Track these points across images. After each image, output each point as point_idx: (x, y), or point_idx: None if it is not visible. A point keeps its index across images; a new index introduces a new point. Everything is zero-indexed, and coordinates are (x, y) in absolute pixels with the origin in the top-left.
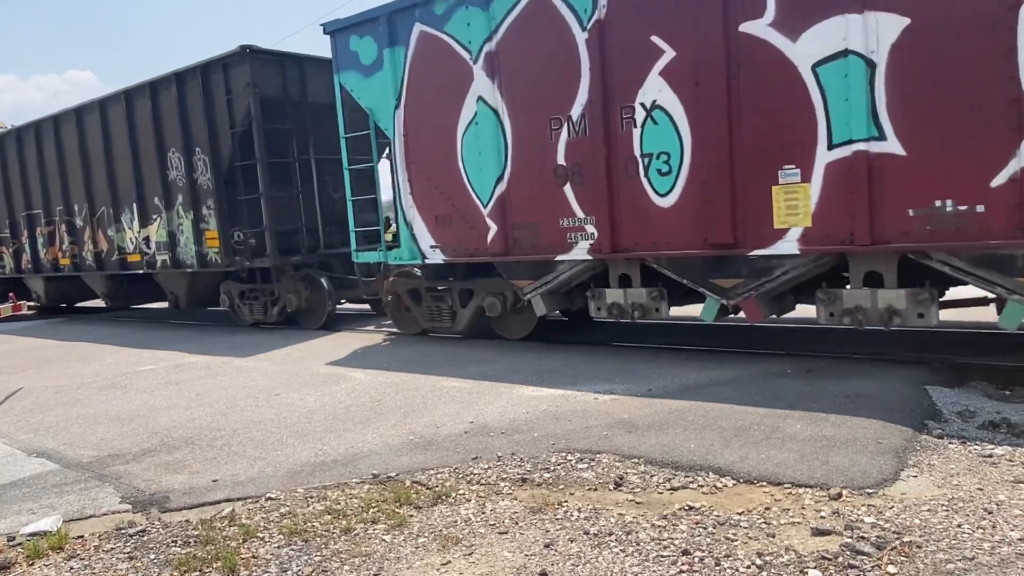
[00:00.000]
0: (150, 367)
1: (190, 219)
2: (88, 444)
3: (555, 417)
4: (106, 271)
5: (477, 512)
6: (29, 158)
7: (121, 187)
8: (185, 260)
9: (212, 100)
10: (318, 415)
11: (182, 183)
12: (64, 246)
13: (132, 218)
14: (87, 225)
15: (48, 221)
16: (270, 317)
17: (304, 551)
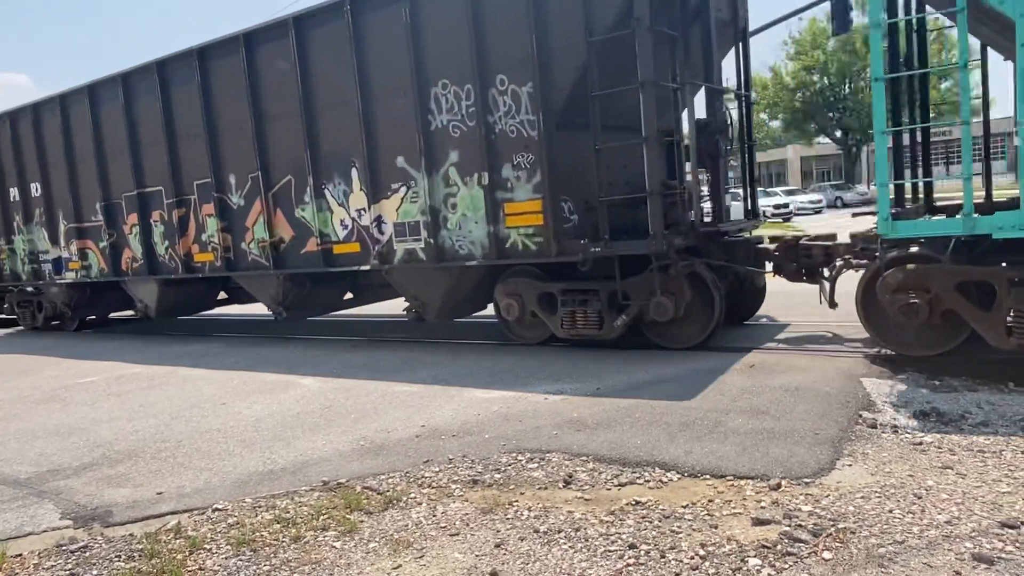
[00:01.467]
0: (91, 379)
1: (479, 186)
2: (26, 460)
3: (506, 418)
4: (286, 268)
5: (428, 515)
6: (142, 115)
7: (326, 146)
8: (459, 249)
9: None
10: (266, 423)
11: (463, 131)
12: (207, 235)
13: (347, 190)
14: (255, 204)
15: (178, 202)
16: (609, 331)
17: (253, 561)
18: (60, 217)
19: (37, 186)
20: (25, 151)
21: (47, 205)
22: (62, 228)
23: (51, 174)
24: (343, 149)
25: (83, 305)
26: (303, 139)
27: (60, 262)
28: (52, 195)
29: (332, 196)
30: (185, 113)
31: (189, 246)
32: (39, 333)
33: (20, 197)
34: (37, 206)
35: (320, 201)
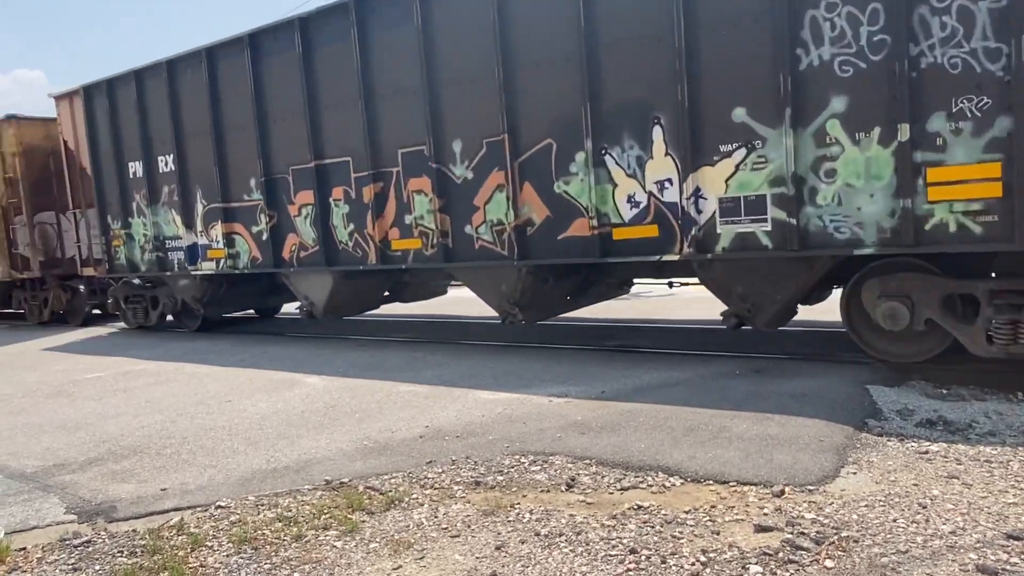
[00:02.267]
0: (98, 374)
1: (879, 145)
2: (33, 454)
3: (510, 420)
4: (533, 258)
5: (430, 516)
6: (327, 68)
7: (612, 97)
8: (836, 232)
9: None
10: (271, 421)
11: (857, 69)
12: (413, 217)
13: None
14: (491, 176)
15: (374, 176)
16: None
17: (254, 559)
18: (198, 196)
19: (168, 159)
20: (154, 117)
21: (182, 182)
22: (200, 209)
23: (189, 144)
24: (641, 100)
25: (216, 301)
26: (581, 89)
27: (196, 249)
28: (189, 170)
29: (618, 164)
30: (392, 63)
31: (386, 230)
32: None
33: (144, 173)
34: (167, 183)
35: (598, 171)
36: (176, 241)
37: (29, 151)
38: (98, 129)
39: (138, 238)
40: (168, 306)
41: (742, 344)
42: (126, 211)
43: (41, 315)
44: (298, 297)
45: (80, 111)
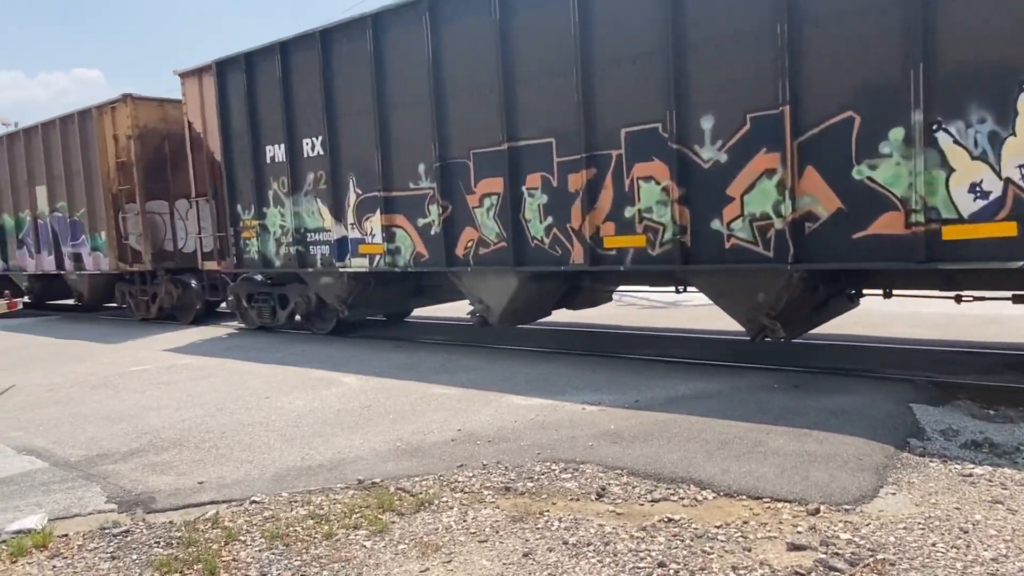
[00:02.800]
0: (143, 367)
1: None
2: (77, 443)
3: (542, 426)
4: (816, 262)
5: (459, 520)
6: (529, 33)
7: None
8: None
9: None
10: (307, 419)
11: None
12: (637, 209)
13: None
14: (754, 160)
15: (587, 160)
16: None
17: (285, 555)
18: (351, 184)
19: (316, 142)
20: (301, 95)
21: (333, 168)
22: (352, 199)
23: (343, 125)
24: (1000, 59)
25: (361, 303)
26: (907, 46)
27: (345, 244)
28: (341, 154)
29: (958, 142)
30: (620, 20)
31: (598, 225)
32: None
33: (286, 157)
34: (313, 169)
35: (927, 152)
36: (321, 234)
37: (144, 134)
38: (231, 109)
39: (273, 230)
40: (301, 306)
41: (780, 357)
42: (261, 200)
43: (148, 311)
44: (470, 301)
45: (210, 89)
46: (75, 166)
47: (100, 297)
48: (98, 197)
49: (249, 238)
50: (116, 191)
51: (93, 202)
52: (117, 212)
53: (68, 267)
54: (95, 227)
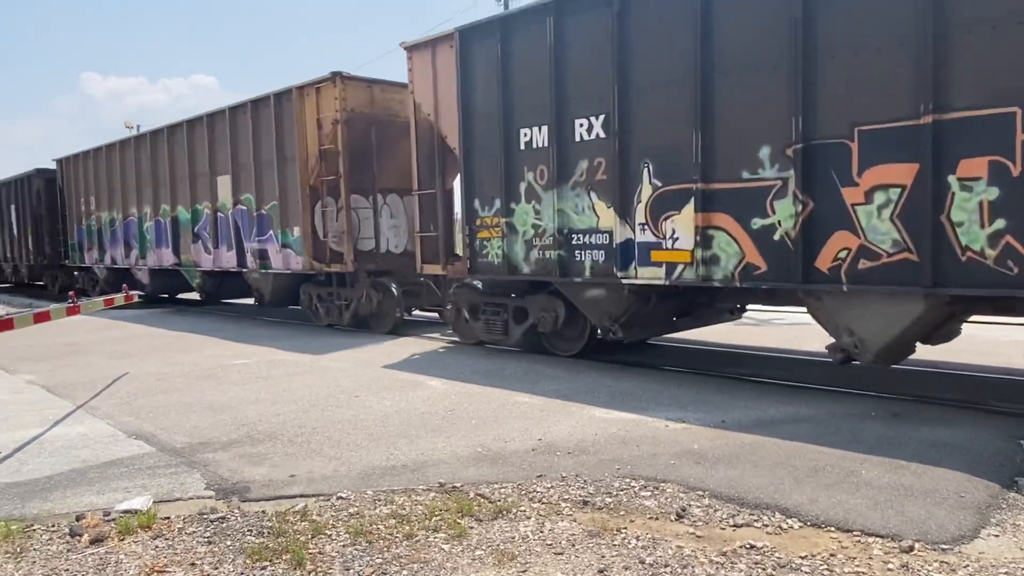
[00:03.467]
0: (244, 361)
1: None
2: (182, 431)
3: (623, 441)
4: None
5: (536, 530)
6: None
7: None
8: None
9: None
10: (393, 420)
11: None
12: None
13: None
14: None
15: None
16: None
17: (367, 552)
18: (646, 174)
19: (595, 122)
20: (574, 64)
21: (618, 153)
22: (646, 193)
23: (637, 99)
24: None
25: (635, 321)
26: None
27: (630, 249)
28: (632, 136)
29: None
30: None
31: None
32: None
33: (549, 141)
34: (589, 156)
35: None
36: (593, 236)
37: (351, 119)
38: (475, 85)
39: (523, 230)
40: (546, 321)
41: (878, 383)
42: (509, 194)
43: (340, 317)
44: (827, 329)
45: (447, 63)
46: (266, 154)
47: (282, 299)
48: (292, 189)
49: (488, 238)
50: (315, 182)
51: (286, 194)
52: (314, 206)
53: (250, 264)
54: (286, 222)
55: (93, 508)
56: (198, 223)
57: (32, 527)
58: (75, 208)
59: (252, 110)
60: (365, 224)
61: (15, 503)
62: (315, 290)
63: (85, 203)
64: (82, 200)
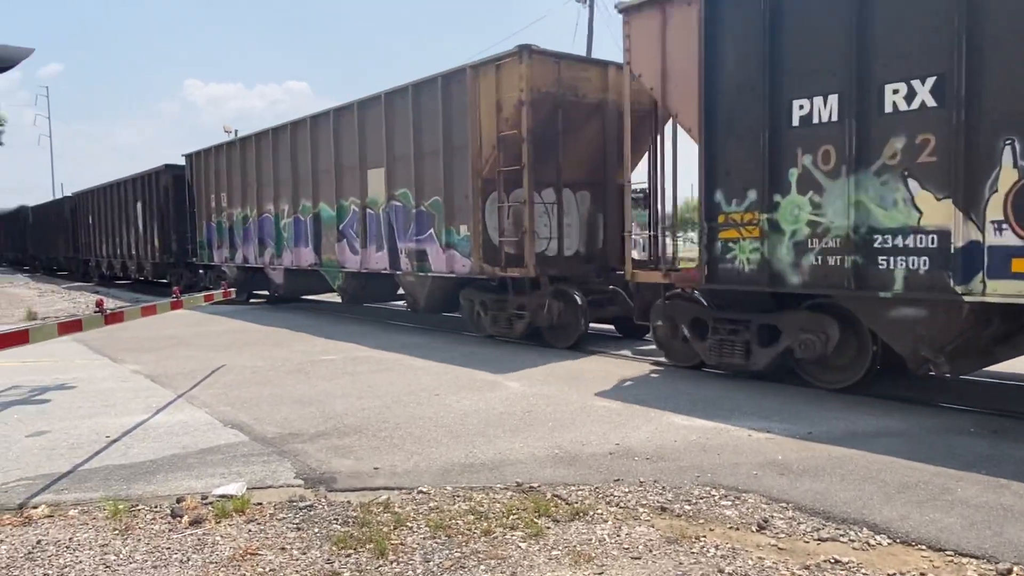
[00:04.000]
0: (331, 357)
1: None
2: (273, 421)
3: (704, 449)
4: None
5: (612, 534)
6: None
7: None
8: None
9: None
10: (472, 419)
11: None
12: None
13: None
14: None
15: None
16: None
17: (446, 546)
18: (1009, 155)
19: (917, 87)
20: (885, 9)
21: (962, 127)
22: (1008, 179)
23: (990, 51)
24: None
25: (963, 351)
26: None
27: (975, 255)
28: (982, 102)
29: None
30: None
31: None
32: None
33: (843, 114)
34: (906, 131)
35: None
36: (912, 237)
37: (536, 99)
38: (725, 49)
39: (792, 229)
40: (812, 346)
41: (977, 397)
42: (773, 182)
43: (510, 328)
44: None
45: (686, 23)
46: (429, 144)
47: (437, 305)
48: (461, 182)
49: (736, 240)
50: (489, 174)
51: (452, 188)
52: (485, 201)
53: (404, 266)
54: (451, 219)
55: (192, 492)
56: (344, 221)
57: (137, 507)
58: (204, 204)
59: (413, 95)
60: (541, 222)
61: (122, 484)
62: (479, 296)
63: (216, 199)
64: (212, 196)
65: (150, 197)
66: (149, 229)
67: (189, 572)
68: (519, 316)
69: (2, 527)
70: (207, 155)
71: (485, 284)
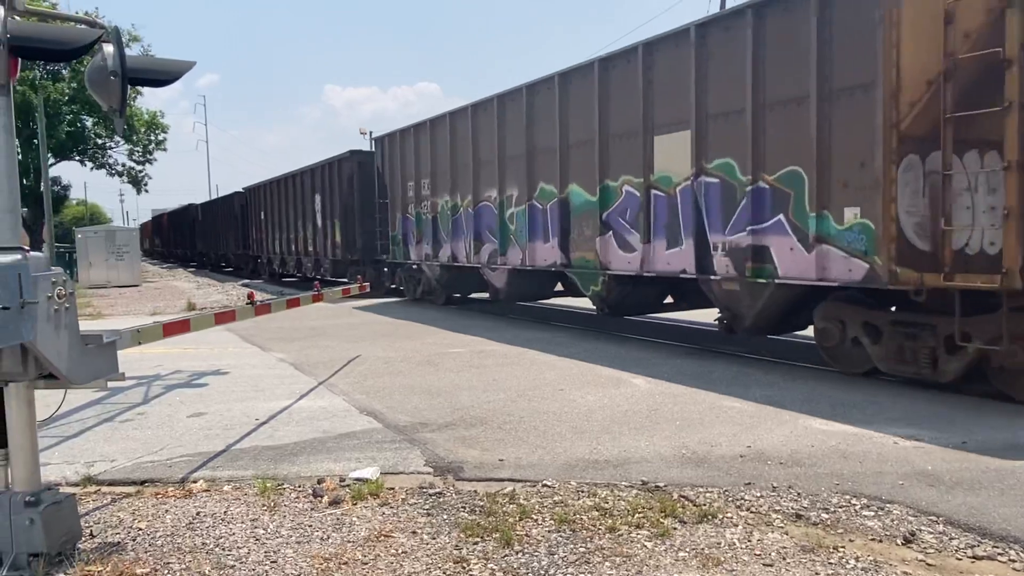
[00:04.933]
0: (458, 350)
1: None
2: (404, 410)
3: (843, 456)
4: None
5: (743, 539)
6: None
7: None
8: None
9: None
10: (596, 415)
11: None
12: None
13: None
14: None
15: None
16: None
17: (571, 540)
18: None
19: None
20: None
21: None
22: None
23: None
24: None
25: None
26: None
27: None
28: None
29: None
30: None
31: None
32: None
33: None
34: None
35: None
36: None
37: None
38: None
39: None
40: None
41: None
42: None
43: (933, 368)
44: None
45: None
46: (785, 88)
47: (774, 323)
48: (853, 141)
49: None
50: (915, 128)
51: (829, 152)
52: (899, 169)
53: (721, 268)
54: (827, 199)
55: (331, 474)
56: (610, 207)
57: (283, 486)
58: (399, 194)
59: (754, 21)
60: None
61: (269, 464)
62: (861, 316)
63: (415, 187)
64: (410, 184)
65: (330, 188)
66: (329, 223)
67: (329, 549)
68: (956, 349)
69: (167, 498)
70: (404, 136)
71: (867, 298)
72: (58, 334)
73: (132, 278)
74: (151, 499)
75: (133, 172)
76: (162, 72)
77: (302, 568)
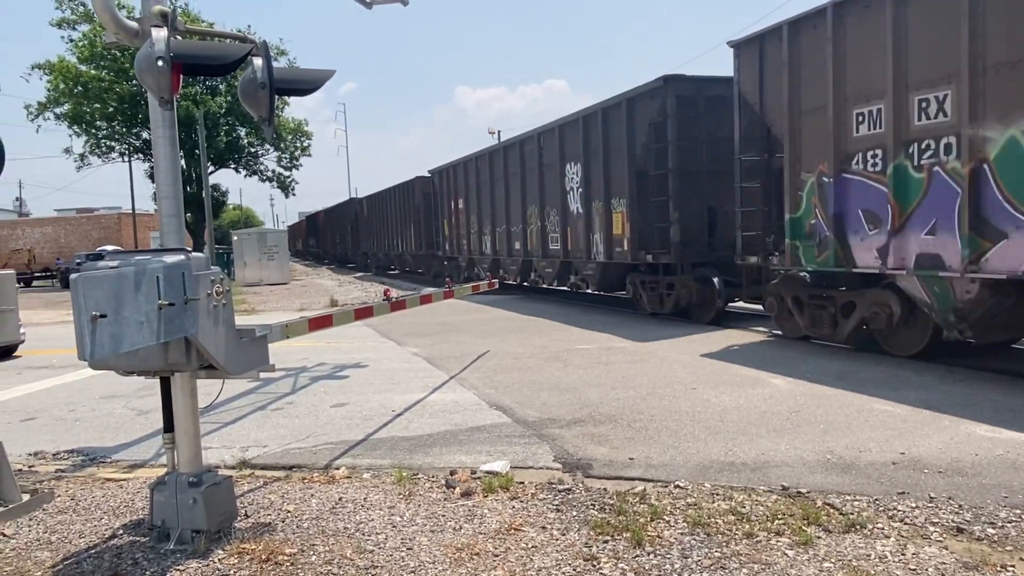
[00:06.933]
0: (586, 346)
1: None
2: (533, 406)
3: (1013, 466)
4: None
5: (896, 552)
6: None
7: None
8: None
9: None
10: (731, 416)
11: None
12: None
13: None
14: None
15: None
16: None
17: (706, 544)
18: None
19: None
20: None
21: None
22: None
23: None
24: None
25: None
26: None
27: None
28: None
29: None
30: None
31: None
32: (548, 298)
33: None
34: None
35: None
36: None
37: None
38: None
39: None
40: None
41: None
42: None
43: None
44: None
45: None
46: None
47: None
48: None
49: None
50: None
51: None
52: None
53: None
54: None
55: (463, 466)
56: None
57: (417, 476)
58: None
59: None
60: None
61: (405, 454)
62: None
63: None
64: None
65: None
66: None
67: (461, 539)
68: None
69: (313, 483)
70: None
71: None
72: (217, 328)
73: (282, 276)
74: (298, 484)
75: (282, 177)
76: (305, 82)
77: (436, 556)
